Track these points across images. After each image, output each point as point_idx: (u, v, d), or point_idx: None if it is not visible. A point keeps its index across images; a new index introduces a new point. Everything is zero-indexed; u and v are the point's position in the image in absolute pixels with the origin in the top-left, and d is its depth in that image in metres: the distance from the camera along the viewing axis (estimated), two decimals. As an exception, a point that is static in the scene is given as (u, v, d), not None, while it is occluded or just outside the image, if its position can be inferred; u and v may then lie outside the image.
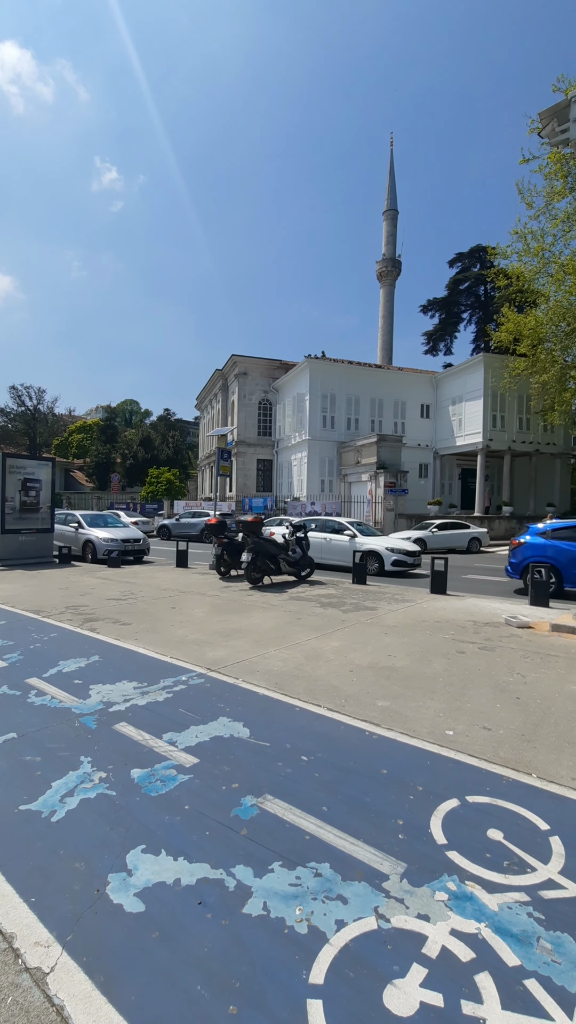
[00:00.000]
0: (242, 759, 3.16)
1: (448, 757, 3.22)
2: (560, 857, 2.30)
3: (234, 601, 8.68)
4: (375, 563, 12.97)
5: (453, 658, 5.41)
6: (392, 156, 58.89)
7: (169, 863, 2.23)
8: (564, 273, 20.18)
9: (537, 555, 10.09)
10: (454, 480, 35.40)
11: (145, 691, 4.35)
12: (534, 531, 10.56)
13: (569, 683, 4.66)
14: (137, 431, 65.37)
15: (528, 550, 10.24)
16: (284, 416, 36.14)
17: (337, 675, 4.81)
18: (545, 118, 7.59)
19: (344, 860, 2.25)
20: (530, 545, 10.24)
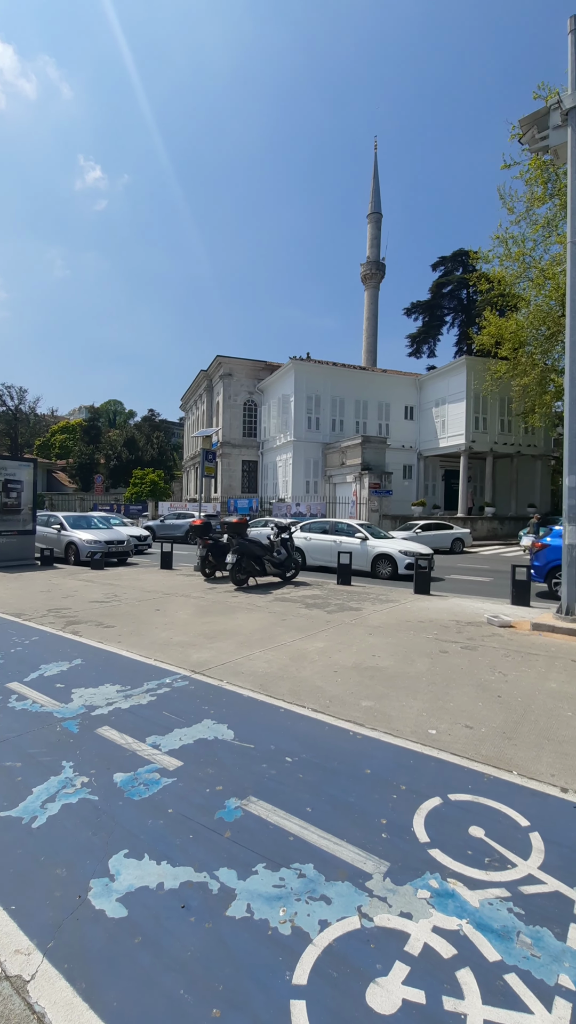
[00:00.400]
0: (226, 761, 3.15)
1: (431, 756, 3.26)
2: (540, 853, 2.33)
3: (219, 603, 8.65)
4: (388, 567, 12.71)
5: (436, 658, 5.46)
6: (376, 159, 59.41)
7: (152, 867, 2.21)
8: (544, 278, 20.53)
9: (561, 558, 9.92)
10: (437, 481, 35.75)
11: (128, 694, 4.31)
12: (558, 534, 10.33)
13: (549, 681, 4.74)
14: (121, 432, 64.84)
15: (552, 553, 10.05)
16: (269, 417, 36.14)
17: (322, 676, 4.82)
18: (526, 125, 7.72)
19: (328, 860, 2.25)
20: (553, 548, 10.06)
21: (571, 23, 7.31)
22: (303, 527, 14.83)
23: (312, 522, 15.05)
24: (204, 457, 15.19)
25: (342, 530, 14.01)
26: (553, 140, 7.33)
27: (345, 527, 14.09)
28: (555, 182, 18.21)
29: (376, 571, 12.84)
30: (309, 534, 14.35)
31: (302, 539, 14.19)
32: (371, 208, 59.30)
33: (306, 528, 14.69)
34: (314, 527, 14.65)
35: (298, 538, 14.22)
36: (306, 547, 13.93)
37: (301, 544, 14.05)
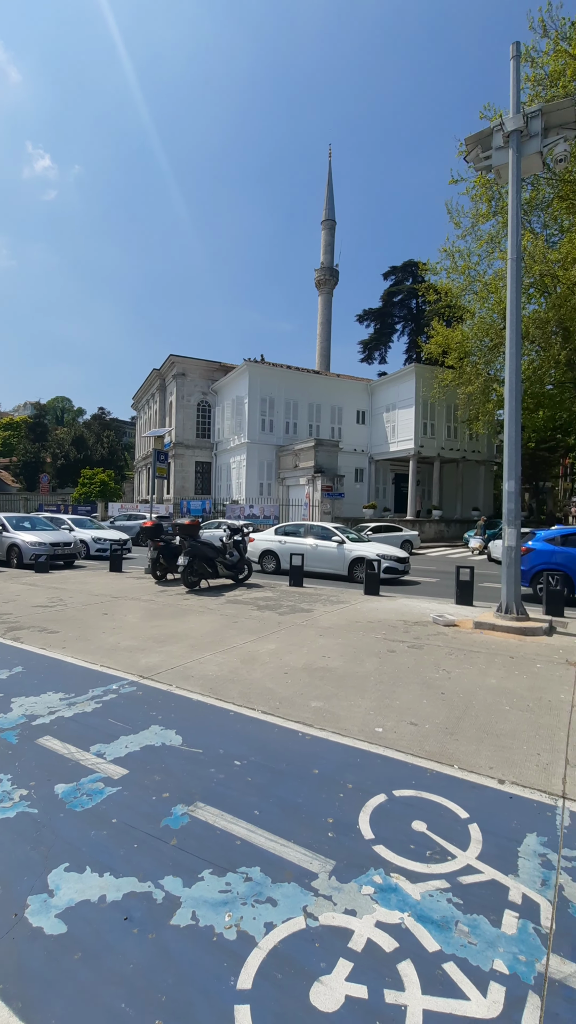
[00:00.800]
0: (173, 767, 3.10)
1: (377, 754, 3.33)
2: (478, 843, 2.43)
3: (170, 605, 8.50)
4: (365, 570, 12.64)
5: (384, 657, 5.59)
6: (330, 167, 60.31)
7: (94, 880, 2.15)
8: (488, 292, 21.46)
9: (547, 562, 10.05)
10: (388, 484, 36.61)
11: (72, 702, 4.16)
12: (542, 537, 10.44)
13: (489, 677, 4.95)
14: (69, 430, 62.62)
15: (538, 557, 10.14)
16: (223, 419, 35.90)
17: (272, 678, 4.83)
18: (471, 144, 8.05)
19: (274, 862, 2.26)
20: (539, 552, 10.15)
21: (513, 49, 7.70)
22: (277, 530, 14.53)
23: (286, 525, 14.79)
24: (156, 457, 14.93)
25: (318, 533, 13.69)
26: (496, 160, 7.68)
27: (321, 530, 13.76)
28: (498, 200, 19.08)
29: (353, 575, 12.60)
30: (284, 537, 14.05)
31: (276, 542, 13.94)
32: (325, 215, 60.13)
33: (281, 531, 14.42)
34: (289, 530, 14.37)
35: (272, 541, 14.01)
36: (280, 550, 13.64)
37: (275, 547, 13.81)
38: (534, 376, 20.96)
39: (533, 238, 19.35)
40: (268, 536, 14.42)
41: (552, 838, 2.49)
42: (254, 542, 14.35)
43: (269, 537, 14.33)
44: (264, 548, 14.16)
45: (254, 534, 14.83)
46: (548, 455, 38.18)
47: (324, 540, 13.33)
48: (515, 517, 7.26)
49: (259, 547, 14.26)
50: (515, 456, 7.27)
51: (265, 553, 14.11)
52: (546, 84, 16.68)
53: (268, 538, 14.31)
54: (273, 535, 14.29)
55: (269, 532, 14.60)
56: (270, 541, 14.15)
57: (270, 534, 14.48)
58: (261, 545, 14.26)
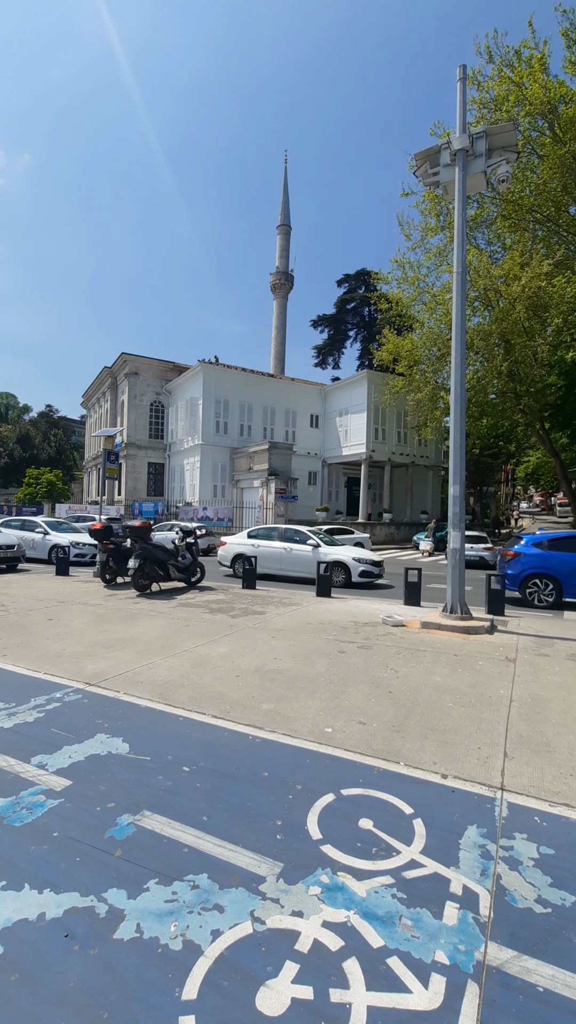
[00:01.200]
0: (119, 776, 3.02)
1: (326, 754, 3.37)
2: (422, 838, 2.50)
3: (119, 610, 8.27)
4: (341, 575, 12.33)
5: (335, 658, 5.66)
6: (286, 173, 60.73)
7: (33, 897, 2.06)
8: (435, 303, 22.20)
9: (536, 566, 10.13)
10: (340, 488, 37.15)
11: (12, 712, 3.97)
12: (531, 541, 10.44)
13: (434, 675, 5.11)
14: (14, 427, 59.81)
15: (527, 561, 10.21)
16: (177, 419, 35.35)
17: (223, 681, 4.79)
18: (420, 159, 8.32)
19: (222, 868, 2.24)
20: (528, 556, 10.22)
21: (460, 72, 8.03)
22: (250, 533, 14.21)
23: (260, 528, 14.42)
24: (106, 458, 14.48)
25: (292, 537, 13.42)
26: (443, 177, 7.98)
27: (295, 533, 13.51)
28: (446, 215, 19.79)
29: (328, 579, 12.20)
30: (258, 541, 13.73)
31: (249, 546, 13.62)
32: (280, 220, 60.47)
33: (254, 535, 14.10)
34: (261, 533, 14.03)
35: (245, 545, 13.68)
36: (256, 554, 13.11)
37: (248, 551, 13.35)
38: (478, 386, 21.85)
39: (478, 254, 20.20)
40: (241, 540, 14.06)
41: (491, 829, 2.60)
42: (226, 546, 14.09)
43: (242, 541, 13.98)
44: (236, 552, 13.77)
45: (226, 537, 14.49)
46: (491, 461, 39.98)
47: (298, 544, 13.14)
48: (460, 520, 7.53)
49: (231, 551, 13.91)
50: (460, 462, 7.55)
51: (238, 557, 13.72)
52: (491, 108, 17.46)
53: (241, 541, 13.96)
54: (246, 539, 13.97)
55: (242, 535, 14.26)
56: (243, 545, 13.77)
57: (243, 537, 14.13)
58: (233, 549, 13.89)
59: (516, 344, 20.51)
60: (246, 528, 26.82)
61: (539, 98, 16.29)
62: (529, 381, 21.07)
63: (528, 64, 16.58)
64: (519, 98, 16.52)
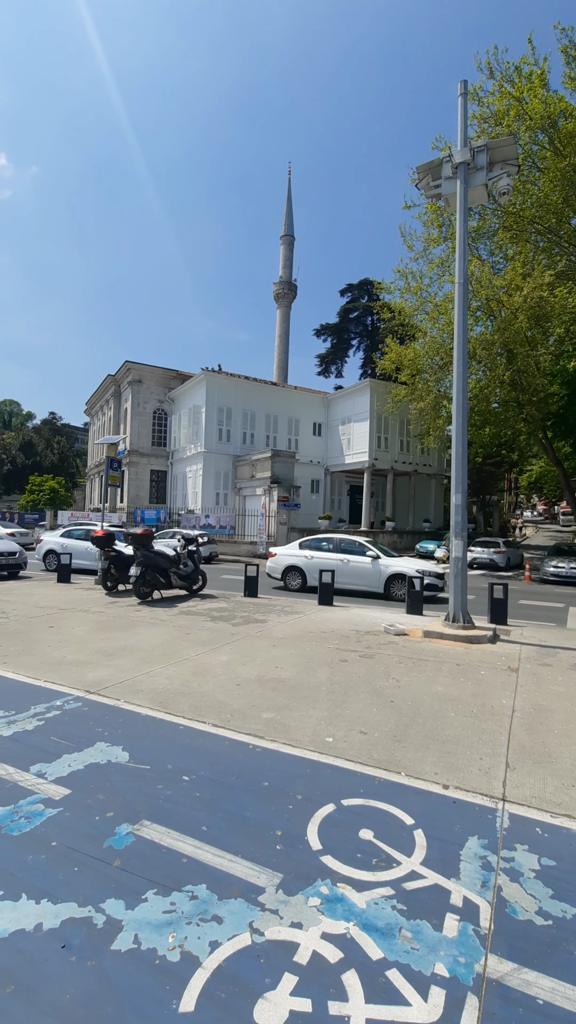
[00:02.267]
0: (119, 785, 3.00)
1: (327, 763, 3.35)
2: (422, 849, 2.48)
3: (120, 617, 8.27)
4: (403, 587, 11.47)
5: (336, 667, 5.64)
6: (290, 184, 61.46)
7: (31, 908, 2.04)
8: (438, 312, 22.33)
9: None
10: (343, 496, 37.16)
11: (12, 720, 3.97)
12: None
13: (436, 684, 5.08)
14: (17, 434, 60.10)
15: None
16: (180, 427, 35.50)
17: (224, 690, 4.78)
18: (422, 172, 8.42)
19: (221, 879, 2.23)
20: None
21: (461, 87, 8.15)
22: (302, 544, 13.43)
23: (313, 538, 13.56)
24: (109, 465, 14.55)
25: (349, 548, 12.61)
26: (445, 189, 8.07)
27: (350, 544, 12.68)
28: (448, 227, 19.97)
29: (390, 592, 11.83)
30: (311, 552, 12.92)
31: (302, 557, 12.90)
32: (284, 230, 61.10)
33: (306, 545, 13.28)
34: (315, 544, 13.20)
35: (298, 556, 13.00)
36: (307, 566, 12.58)
37: (301, 563, 12.76)
38: (481, 395, 21.92)
39: (480, 264, 20.34)
40: (292, 551, 13.30)
41: (492, 840, 2.58)
42: (275, 557, 13.42)
43: (293, 552, 13.21)
44: (289, 564, 13.03)
45: (275, 548, 13.88)
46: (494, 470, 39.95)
47: (356, 555, 12.38)
48: (462, 529, 7.53)
49: (282, 563, 13.18)
50: (462, 470, 7.56)
51: (290, 569, 12.99)
52: (491, 122, 17.68)
53: (292, 552, 13.20)
54: (298, 549, 13.20)
55: (292, 546, 13.52)
56: (295, 556, 13.01)
57: (294, 548, 13.36)
58: (285, 560, 13.15)
59: (518, 354, 20.59)
60: (248, 536, 26.87)
61: (539, 113, 16.51)
62: (531, 390, 21.13)
63: (528, 80, 16.83)
64: (519, 113, 16.74)
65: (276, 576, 13.47)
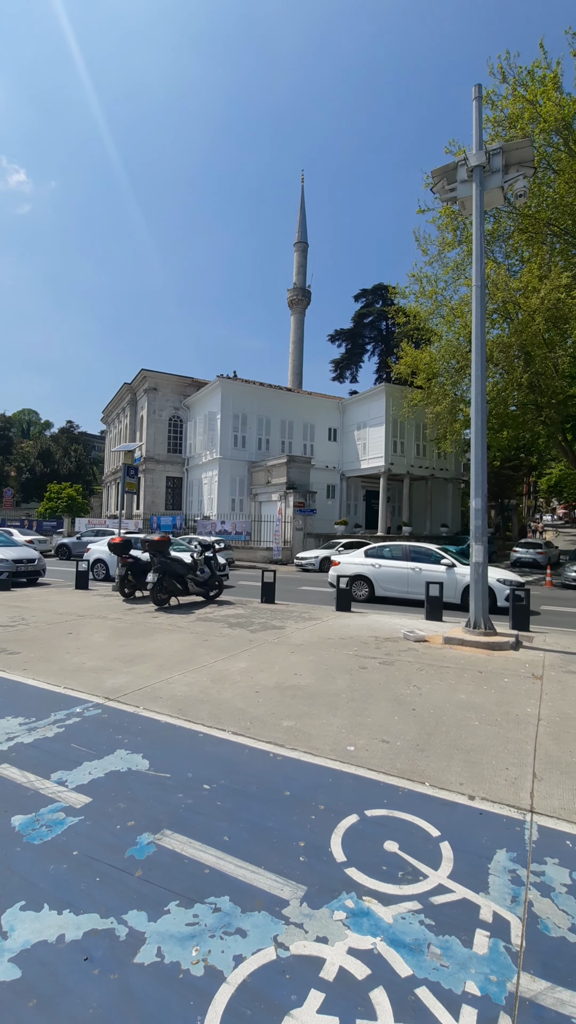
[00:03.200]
0: (139, 794, 2.99)
1: (349, 773, 3.29)
2: (449, 862, 2.42)
3: (138, 624, 8.30)
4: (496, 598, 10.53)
5: (356, 674, 5.57)
6: (303, 192, 61.89)
7: (52, 918, 2.03)
8: (454, 316, 22.18)
9: None
10: (359, 501, 36.99)
11: (33, 727, 3.99)
12: None
13: (459, 692, 4.99)
14: (36, 443, 61.15)
15: None
16: (195, 434, 35.75)
17: (243, 697, 4.75)
18: (436, 176, 8.39)
19: (244, 891, 2.19)
20: None
21: (475, 91, 8.11)
22: (368, 552, 12.57)
23: (379, 546, 12.78)
24: (125, 472, 14.70)
25: (422, 555, 11.78)
26: (460, 193, 8.02)
27: (425, 552, 11.86)
28: (463, 230, 19.87)
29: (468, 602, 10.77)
30: (378, 560, 12.17)
31: (369, 566, 12.17)
32: (298, 237, 61.48)
33: (372, 553, 12.48)
34: (382, 551, 12.43)
35: (364, 565, 12.30)
36: (375, 575, 11.96)
37: (368, 572, 12.09)
38: (498, 398, 21.67)
39: (496, 267, 20.18)
40: (358, 559, 12.55)
41: (521, 853, 2.50)
42: (339, 566, 12.62)
43: (359, 560, 12.48)
44: (354, 572, 12.27)
45: (339, 556, 13.16)
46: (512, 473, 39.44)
47: (429, 563, 11.56)
48: (482, 533, 7.41)
49: (348, 571, 12.28)
50: (481, 475, 7.45)
51: (355, 579, 12.23)
52: (505, 126, 17.60)
53: (358, 561, 12.47)
54: (364, 558, 12.45)
55: (357, 555, 12.74)
56: (361, 565, 12.31)
57: (359, 556, 12.60)
58: (350, 569, 12.36)
59: (536, 356, 20.33)
60: (264, 542, 26.88)
61: (553, 115, 16.42)
62: (550, 393, 20.83)
63: (541, 83, 16.77)
64: (533, 115, 16.66)
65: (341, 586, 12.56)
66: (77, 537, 26.01)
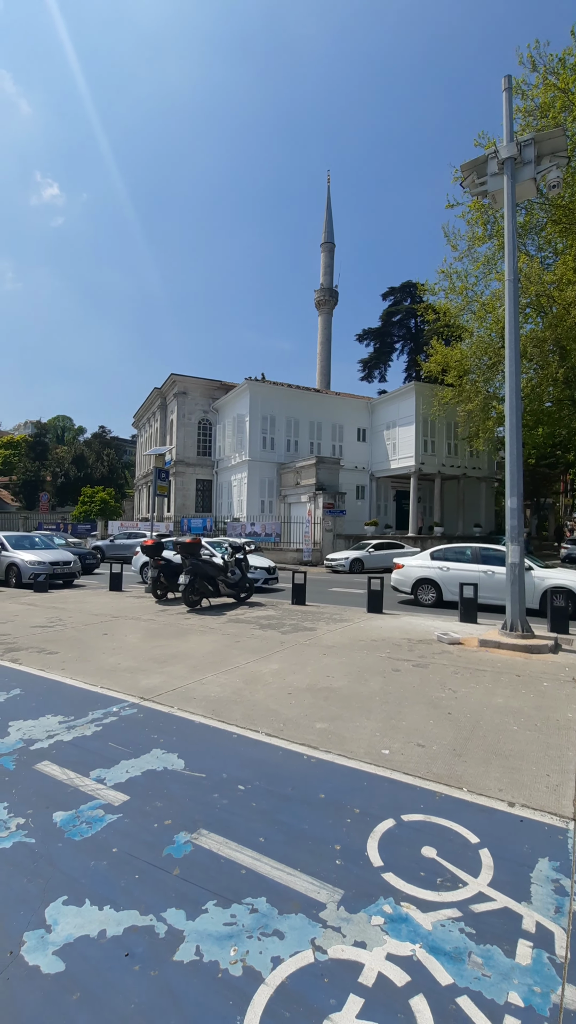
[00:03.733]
0: (176, 793, 3.03)
1: (384, 776, 3.26)
2: (489, 869, 2.36)
3: (170, 625, 8.43)
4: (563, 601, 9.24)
5: (389, 676, 5.51)
6: (329, 192, 61.84)
7: (94, 913, 2.07)
8: (485, 311, 21.73)
9: None
10: (389, 501, 36.63)
11: (71, 725, 4.09)
12: None
13: (496, 696, 4.87)
14: (70, 448, 62.88)
15: None
16: (224, 436, 36.11)
17: (276, 699, 4.76)
18: (466, 170, 8.24)
19: (281, 892, 2.19)
20: None
21: (505, 82, 7.94)
22: (434, 554, 12.03)
23: (447, 548, 12.16)
24: (157, 475, 14.96)
25: (494, 557, 11.12)
26: (491, 186, 7.86)
27: (497, 554, 11.15)
28: (494, 224, 19.45)
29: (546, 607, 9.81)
30: (446, 563, 11.58)
31: (436, 569, 11.64)
32: (324, 238, 61.41)
33: (439, 555, 11.93)
34: (450, 554, 11.85)
35: (430, 568, 11.77)
36: (443, 579, 11.44)
37: (435, 575, 11.57)
38: (533, 394, 21.11)
39: (529, 260, 19.68)
40: (423, 562, 12.03)
41: (564, 863, 2.42)
42: (403, 569, 12.25)
43: (425, 563, 11.95)
44: (420, 576, 11.80)
45: (404, 559, 12.65)
46: (548, 471, 38.29)
47: (503, 566, 10.42)
48: (518, 533, 7.23)
49: (412, 575, 11.94)
50: (517, 473, 7.27)
51: (421, 582, 11.80)
52: (536, 115, 17.15)
53: (424, 564, 11.95)
54: (429, 560, 11.92)
55: (423, 557, 12.21)
56: (428, 568, 11.77)
57: (425, 559, 12.06)
58: (415, 573, 11.92)
59: (572, 350, 19.72)
60: (294, 543, 26.90)
61: (587, 101, 15.90)
62: (587, 387, 20.18)
63: (573, 70, 16.27)
64: (565, 104, 16.20)
65: (404, 590, 12.23)
66: (110, 540, 26.60)
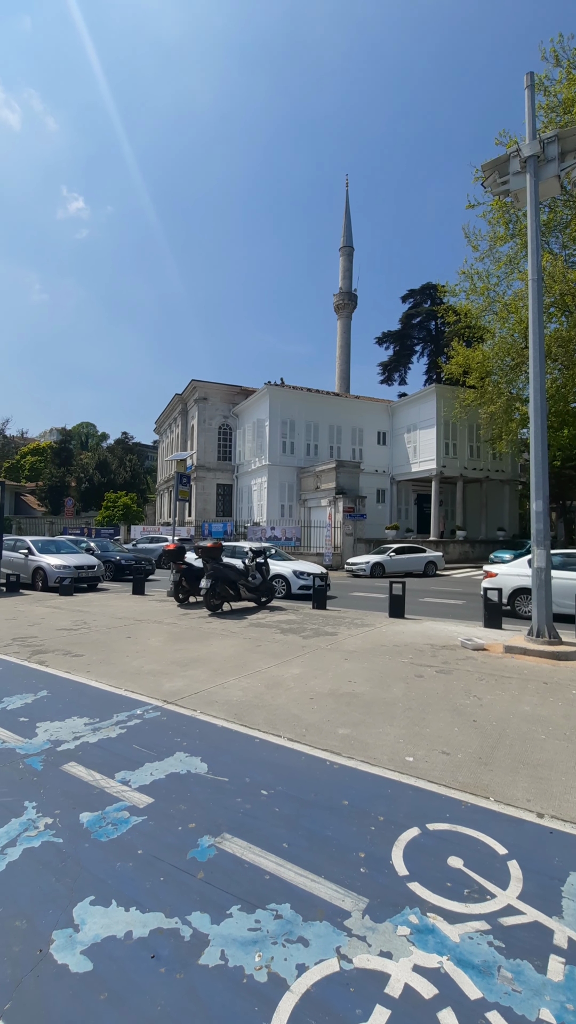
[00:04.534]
0: (199, 796, 3.04)
1: (408, 784, 3.21)
2: (518, 881, 2.31)
3: (192, 629, 8.49)
4: None
5: (412, 682, 5.45)
6: (347, 196, 62.05)
7: (120, 914, 2.09)
8: (507, 312, 21.45)
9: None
10: (410, 505, 36.29)
11: (97, 727, 4.15)
12: None
13: (522, 704, 4.77)
14: (93, 454, 63.94)
15: None
16: (244, 441, 36.31)
17: (298, 703, 4.74)
18: (487, 170, 8.16)
19: (305, 899, 2.18)
20: None
21: (527, 79, 7.85)
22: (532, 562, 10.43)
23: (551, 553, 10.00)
24: (178, 480, 15.10)
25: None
26: (513, 185, 7.76)
27: None
28: (516, 223, 19.21)
29: None
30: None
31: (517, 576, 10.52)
32: (343, 242, 61.41)
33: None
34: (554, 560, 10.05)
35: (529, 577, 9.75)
36: None
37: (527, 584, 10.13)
38: (558, 395, 20.74)
39: (552, 258, 19.37)
40: (520, 570, 10.83)
41: (598, 878, 2.35)
42: (497, 577, 11.00)
43: (522, 571, 10.66)
44: (519, 585, 10.67)
45: (499, 567, 11.59)
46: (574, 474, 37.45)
47: None
48: (544, 537, 7.09)
49: (509, 584, 10.80)
50: (542, 475, 7.14)
51: (520, 591, 10.69)
52: (559, 111, 16.92)
53: (521, 572, 10.71)
54: (527, 568, 10.29)
55: (519, 564, 11.04)
56: (525, 576, 10.40)
57: (521, 567, 10.81)
58: (512, 581, 10.79)
59: (597, 349, 19.32)
60: (314, 547, 26.84)
61: (613, 95, 15.61)
62: (613, 387, 19.72)
63: (599, 63, 16.01)
64: (590, 97, 15.91)
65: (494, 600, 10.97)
66: (133, 544, 26.94)
